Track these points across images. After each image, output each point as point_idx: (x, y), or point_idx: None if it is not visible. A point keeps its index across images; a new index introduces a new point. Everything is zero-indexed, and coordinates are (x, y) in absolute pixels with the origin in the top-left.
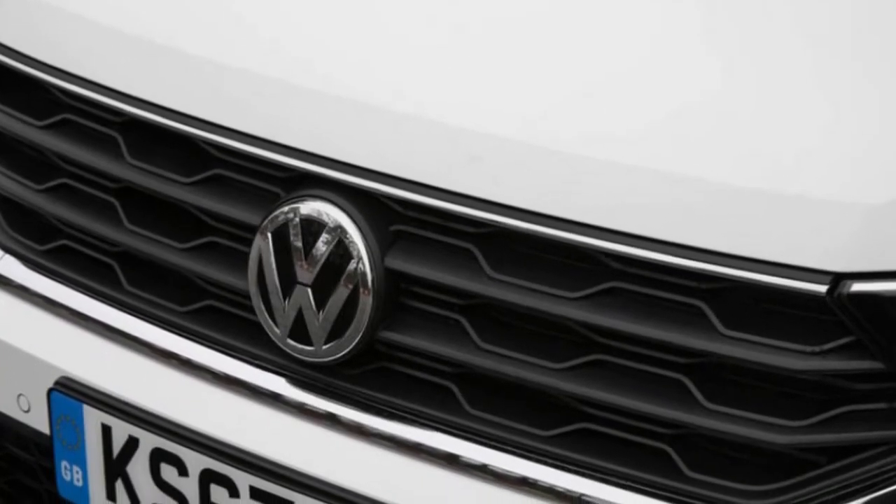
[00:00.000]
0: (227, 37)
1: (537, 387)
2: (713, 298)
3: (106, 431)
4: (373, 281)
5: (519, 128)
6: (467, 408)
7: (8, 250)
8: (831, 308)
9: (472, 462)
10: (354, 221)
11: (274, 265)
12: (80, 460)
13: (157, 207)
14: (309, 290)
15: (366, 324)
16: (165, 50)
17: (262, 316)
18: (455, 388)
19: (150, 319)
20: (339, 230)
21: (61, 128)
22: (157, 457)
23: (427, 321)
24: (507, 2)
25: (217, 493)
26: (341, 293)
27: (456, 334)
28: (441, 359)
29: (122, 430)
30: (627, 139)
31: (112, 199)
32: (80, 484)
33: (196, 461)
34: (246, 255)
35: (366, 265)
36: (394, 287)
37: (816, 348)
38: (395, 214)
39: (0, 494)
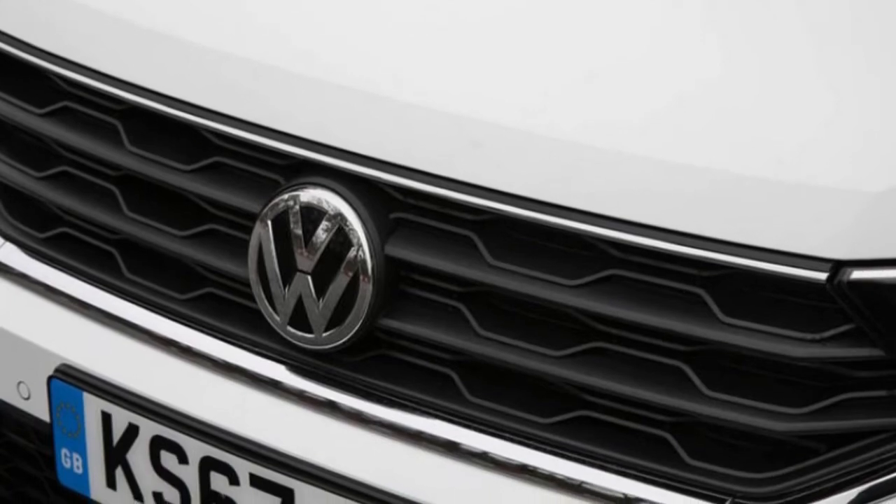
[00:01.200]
0: (227, 25)
1: (537, 374)
2: (713, 286)
3: (106, 419)
4: (373, 268)
5: (519, 116)
6: (467, 395)
7: (8, 238)
8: (831, 295)
9: (472, 449)
10: (354, 209)
11: (274, 253)
12: (80, 448)
13: (157, 195)
14: (309, 278)
15: (366, 311)
16: (166, 38)
17: (262, 303)
18: (455, 376)
19: (150, 307)
20: (339, 218)
21: (61, 115)
22: (157, 444)
23: (427, 309)
24: None
25: (217, 480)
26: (341, 281)
27: (456, 322)
28: (441, 346)
29: (122, 418)
30: (628, 127)
31: (112, 187)
32: (80, 471)
33: (196, 448)
34: (246, 243)
35: (366, 253)
36: (394, 274)
37: (816, 336)
38: (395, 202)
39: (0, 482)
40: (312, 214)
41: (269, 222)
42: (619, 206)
